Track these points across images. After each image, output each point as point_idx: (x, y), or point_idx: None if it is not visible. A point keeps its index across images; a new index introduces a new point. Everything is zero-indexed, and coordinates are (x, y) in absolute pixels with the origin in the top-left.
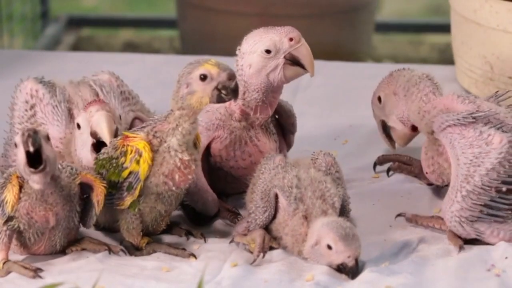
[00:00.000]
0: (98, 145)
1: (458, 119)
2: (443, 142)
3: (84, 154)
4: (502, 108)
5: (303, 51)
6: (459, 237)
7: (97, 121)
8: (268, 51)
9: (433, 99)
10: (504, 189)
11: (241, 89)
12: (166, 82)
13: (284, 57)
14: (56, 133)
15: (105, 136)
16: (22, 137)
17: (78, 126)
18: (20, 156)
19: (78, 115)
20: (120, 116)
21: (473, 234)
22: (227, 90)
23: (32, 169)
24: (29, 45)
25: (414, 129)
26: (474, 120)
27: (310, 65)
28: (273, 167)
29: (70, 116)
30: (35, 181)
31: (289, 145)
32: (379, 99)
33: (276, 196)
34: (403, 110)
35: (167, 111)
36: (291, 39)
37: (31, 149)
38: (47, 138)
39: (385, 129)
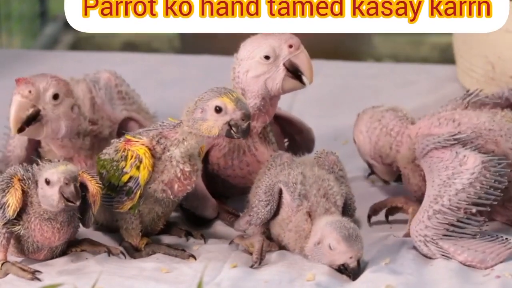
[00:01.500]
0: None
1: (439, 142)
2: (423, 167)
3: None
4: (484, 117)
5: (303, 58)
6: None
7: (11, 105)
8: (267, 57)
9: (403, 130)
10: (473, 210)
11: None
12: (165, 81)
13: (284, 64)
14: None
15: (11, 125)
16: (64, 187)
17: None
18: (52, 193)
19: None
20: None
21: (438, 254)
22: (238, 129)
23: (71, 203)
24: (28, 44)
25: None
26: (455, 142)
27: (309, 72)
28: (280, 164)
29: None
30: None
31: None
32: (354, 141)
33: (281, 192)
34: (369, 148)
35: (177, 122)
36: (290, 46)
37: (78, 203)
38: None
39: (371, 168)
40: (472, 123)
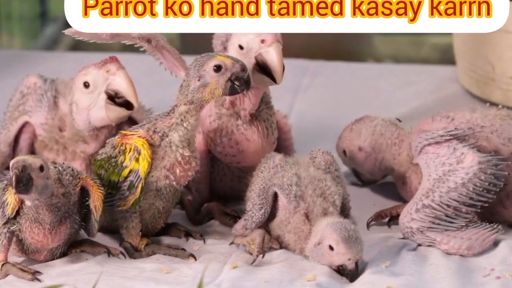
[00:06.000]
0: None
1: (432, 138)
2: (420, 165)
3: (95, 113)
4: (478, 113)
5: (271, 56)
6: None
7: (120, 80)
8: (241, 47)
9: (403, 138)
10: (463, 209)
11: None
12: (165, 82)
13: (255, 57)
14: (39, 118)
15: (131, 97)
16: (12, 171)
17: (86, 85)
18: (10, 177)
19: (86, 73)
20: None
21: (426, 243)
22: (241, 81)
23: (15, 190)
24: (28, 45)
25: (383, 176)
26: (451, 137)
27: (276, 71)
28: (273, 166)
29: (55, 103)
30: (24, 198)
31: None
32: (344, 152)
33: (276, 196)
34: (373, 164)
35: (168, 109)
36: (262, 41)
37: (17, 192)
38: (41, 168)
39: (357, 174)
40: (465, 118)
